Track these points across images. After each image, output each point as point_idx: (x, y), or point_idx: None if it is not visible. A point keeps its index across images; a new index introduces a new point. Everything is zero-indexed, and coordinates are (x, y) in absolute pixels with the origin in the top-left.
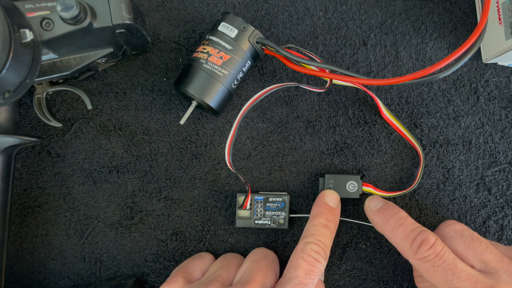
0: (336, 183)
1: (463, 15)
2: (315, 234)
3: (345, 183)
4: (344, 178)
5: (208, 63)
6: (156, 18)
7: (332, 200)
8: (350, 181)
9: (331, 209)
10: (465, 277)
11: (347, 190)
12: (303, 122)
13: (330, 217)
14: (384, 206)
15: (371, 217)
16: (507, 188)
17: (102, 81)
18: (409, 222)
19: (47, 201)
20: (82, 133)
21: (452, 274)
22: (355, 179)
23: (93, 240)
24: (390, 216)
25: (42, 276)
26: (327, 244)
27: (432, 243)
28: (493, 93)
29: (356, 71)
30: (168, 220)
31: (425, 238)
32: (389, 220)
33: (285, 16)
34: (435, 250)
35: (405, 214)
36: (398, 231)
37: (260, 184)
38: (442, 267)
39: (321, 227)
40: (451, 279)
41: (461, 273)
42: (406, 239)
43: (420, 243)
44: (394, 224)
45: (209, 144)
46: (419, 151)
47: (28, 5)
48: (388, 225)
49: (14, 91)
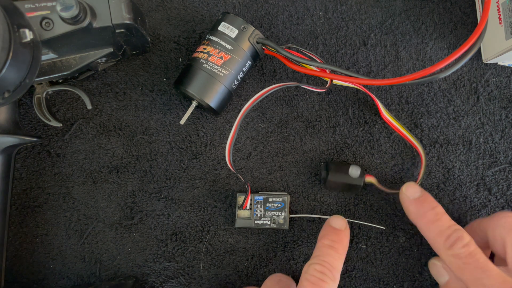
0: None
1: (463, 15)
2: (318, 255)
3: (347, 168)
4: (346, 165)
5: (208, 63)
6: (156, 18)
7: (337, 223)
8: (354, 166)
9: (336, 230)
10: (494, 276)
11: (350, 175)
12: (303, 122)
13: (335, 238)
14: (422, 197)
15: (406, 205)
16: (507, 188)
17: (102, 81)
18: (446, 218)
19: (47, 201)
20: (82, 133)
21: (482, 273)
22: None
23: (93, 240)
24: (428, 209)
25: (42, 276)
26: (333, 264)
27: (466, 242)
28: (493, 93)
29: (356, 71)
30: (168, 220)
31: (460, 236)
32: (427, 214)
33: (285, 16)
34: (468, 248)
35: (443, 210)
36: (433, 226)
37: (260, 184)
38: (474, 265)
39: (326, 248)
40: (481, 277)
41: (491, 272)
42: (441, 235)
43: (455, 240)
44: (431, 218)
45: (209, 144)
46: (420, 151)
47: (28, 5)
48: (424, 218)
49: (14, 91)
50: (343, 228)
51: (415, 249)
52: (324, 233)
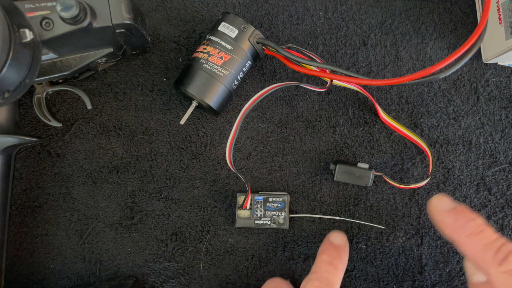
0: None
1: (463, 15)
2: (317, 271)
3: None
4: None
5: (208, 63)
6: (156, 18)
7: (337, 238)
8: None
9: (335, 247)
10: None
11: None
12: (303, 122)
13: (334, 254)
14: (458, 208)
15: (440, 218)
16: (507, 188)
17: (102, 81)
18: (490, 230)
19: (47, 201)
20: (82, 133)
21: None
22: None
23: (93, 240)
24: (468, 220)
25: (42, 276)
26: (332, 280)
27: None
28: (493, 93)
29: (356, 71)
30: (168, 220)
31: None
32: (467, 225)
33: (285, 16)
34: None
35: (485, 221)
36: (478, 238)
37: (260, 184)
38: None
39: (325, 264)
40: None
41: None
42: (489, 248)
43: (507, 254)
44: (473, 229)
45: (209, 144)
46: (426, 149)
47: (28, 5)
48: (464, 230)
49: (14, 91)
50: (342, 244)
51: (415, 249)
52: (323, 249)
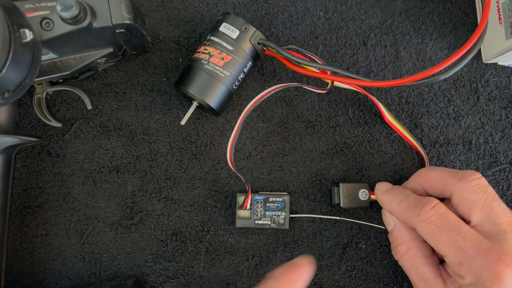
0: (350, 191)
1: (463, 15)
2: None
3: (358, 191)
4: (356, 186)
5: (209, 64)
6: (156, 18)
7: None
8: (362, 189)
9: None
10: (469, 238)
11: (360, 198)
12: (303, 122)
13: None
14: (393, 187)
15: (380, 197)
16: (507, 188)
17: (102, 81)
18: (415, 195)
19: (47, 201)
20: (82, 133)
21: (457, 234)
22: (365, 187)
23: (93, 240)
24: (398, 193)
25: (42, 276)
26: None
27: (434, 204)
28: (493, 93)
29: (356, 71)
30: (168, 220)
31: (427, 201)
32: (397, 197)
33: (285, 16)
34: (438, 211)
35: (412, 193)
36: (403, 203)
37: (260, 184)
38: (447, 228)
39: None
40: (456, 239)
41: (465, 234)
42: (410, 206)
43: (422, 205)
44: (400, 198)
45: (209, 144)
46: (423, 154)
47: (28, 5)
48: (395, 200)
49: (14, 91)
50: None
51: None
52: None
